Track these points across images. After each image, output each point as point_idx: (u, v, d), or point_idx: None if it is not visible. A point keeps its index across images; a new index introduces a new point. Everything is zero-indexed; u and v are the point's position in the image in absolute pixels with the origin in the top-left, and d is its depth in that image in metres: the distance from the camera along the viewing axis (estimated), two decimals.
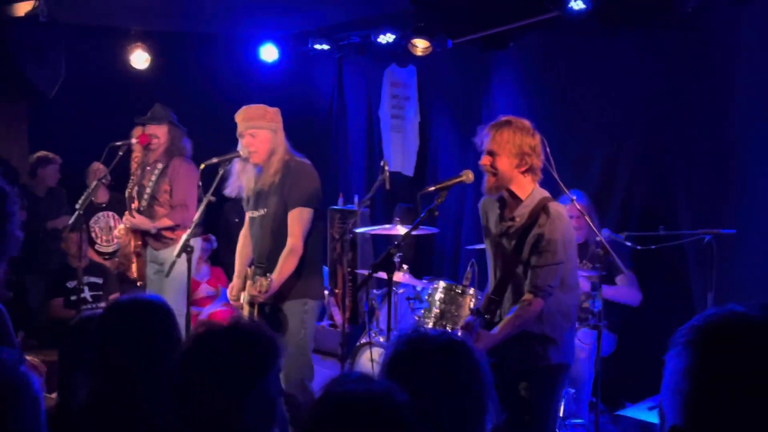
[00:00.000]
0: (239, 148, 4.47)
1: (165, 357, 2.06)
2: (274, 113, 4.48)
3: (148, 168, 5.45)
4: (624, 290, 5.10)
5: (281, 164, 4.40)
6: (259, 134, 4.39)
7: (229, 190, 4.59)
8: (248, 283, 4.47)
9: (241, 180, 4.52)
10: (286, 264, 4.31)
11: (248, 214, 4.62)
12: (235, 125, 4.49)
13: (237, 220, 7.08)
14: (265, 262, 4.46)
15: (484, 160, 3.55)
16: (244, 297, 4.53)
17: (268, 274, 4.28)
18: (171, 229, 5.34)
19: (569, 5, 4.95)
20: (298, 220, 4.34)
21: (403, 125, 7.26)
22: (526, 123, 3.55)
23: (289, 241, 4.33)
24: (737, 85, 4.82)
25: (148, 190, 5.39)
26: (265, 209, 4.45)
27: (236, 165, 4.52)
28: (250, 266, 4.65)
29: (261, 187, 4.46)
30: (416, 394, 1.50)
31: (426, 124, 7.13)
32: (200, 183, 4.39)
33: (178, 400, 1.82)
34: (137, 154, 5.49)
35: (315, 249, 4.52)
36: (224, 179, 4.47)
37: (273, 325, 4.21)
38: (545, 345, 3.56)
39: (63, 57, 5.89)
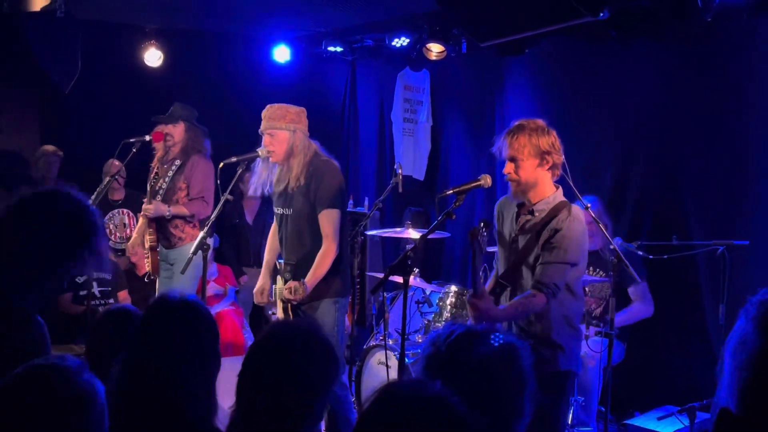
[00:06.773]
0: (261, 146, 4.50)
1: (202, 355, 2.11)
2: (295, 113, 4.50)
3: (166, 166, 5.49)
4: (636, 307, 5.05)
5: (304, 166, 4.42)
6: (278, 135, 4.43)
7: (252, 190, 4.64)
8: (279, 279, 4.52)
9: (264, 178, 4.56)
10: (321, 266, 4.37)
11: (276, 211, 4.65)
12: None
13: (237, 221, 7.09)
14: (293, 260, 4.50)
15: (507, 168, 3.54)
16: (275, 292, 4.55)
17: (302, 280, 4.32)
18: (185, 219, 5.35)
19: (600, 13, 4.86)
20: (327, 222, 4.39)
21: (415, 129, 7.27)
22: (540, 122, 3.54)
23: (324, 243, 4.38)
24: (752, 95, 4.82)
25: (164, 186, 5.43)
26: (291, 209, 4.49)
27: (260, 164, 4.55)
28: (278, 260, 4.69)
29: (285, 187, 4.49)
30: (460, 393, 1.48)
31: (438, 129, 7.13)
32: (218, 181, 4.39)
33: (242, 401, 1.90)
34: (159, 151, 5.53)
35: (343, 249, 4.54)
36: (242, 178, 4.47)
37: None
38: (554, 350, 3.52)
39: (79, 52, 5.88)
